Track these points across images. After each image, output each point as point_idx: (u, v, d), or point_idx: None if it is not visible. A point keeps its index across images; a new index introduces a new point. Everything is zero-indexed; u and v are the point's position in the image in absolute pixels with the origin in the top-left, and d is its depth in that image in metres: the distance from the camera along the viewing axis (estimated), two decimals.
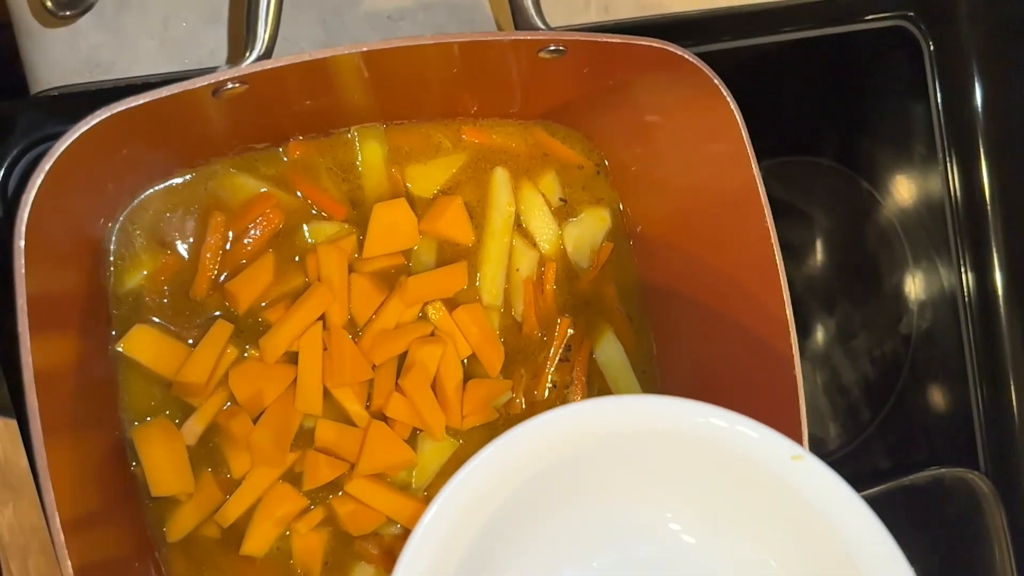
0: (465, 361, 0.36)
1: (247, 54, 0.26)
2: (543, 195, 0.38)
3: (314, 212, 0.34)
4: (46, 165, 0.23)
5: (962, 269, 0.48)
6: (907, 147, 0.47)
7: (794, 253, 0.45)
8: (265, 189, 0.33)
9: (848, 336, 0.47)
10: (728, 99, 0.32)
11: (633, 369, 0.39)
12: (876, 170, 0.47)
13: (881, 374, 0.47)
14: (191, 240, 0.33)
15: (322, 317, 0.33)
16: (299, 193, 0.34)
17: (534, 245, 0.38)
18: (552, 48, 0.29)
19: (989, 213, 0.48)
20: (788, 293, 0.34)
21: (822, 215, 0.46)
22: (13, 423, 0.31)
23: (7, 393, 0.31)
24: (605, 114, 0.37)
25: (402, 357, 0.35)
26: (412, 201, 0.36)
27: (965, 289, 0.48)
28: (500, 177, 0.37)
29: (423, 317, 0.35)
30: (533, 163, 0.38)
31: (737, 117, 0.32)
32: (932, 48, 0.47)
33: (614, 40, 0.29)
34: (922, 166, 0.47)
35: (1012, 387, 0.48)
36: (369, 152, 0.35)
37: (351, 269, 0.34)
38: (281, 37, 0.27)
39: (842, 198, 0.46)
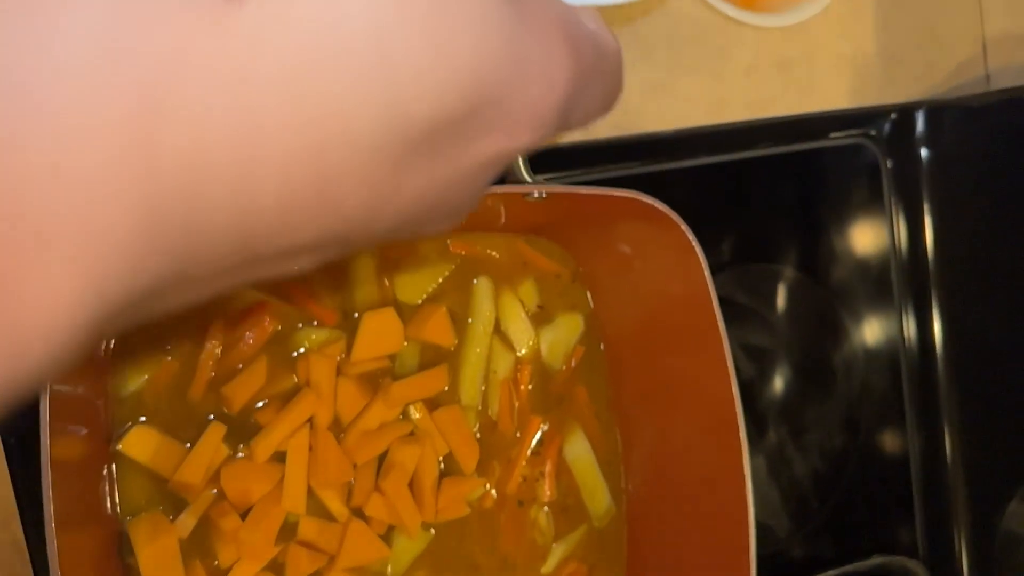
0: (442, 459, 0.38)
1: None
2: (522, 302, 0.41)
3: (304, 321, 0.37)
4: None
5: (910, 378, 0.51)
6: (864, 257, 0.51)
7: (754, 355, 0.48)
8: (263, 298, 0.36)
9: (801, 431, 0.50)
10: (691, 239, 0.35)
11: (599, 464, 0.42)
12: (834, 278, 0.50)
13: (830, 467, 0.50)
14: (190, 346, 0.35)
15: (310, 419, 0.36)
16: (294, 301, 0.37)
17: (511, 348, 0.41)
18: (536, 195, 0.32)
19: (936, 323, 0.51)
20: (739, 395, 0.37)
21: (782, 319, 0.49)
22: None
23: None
24: (582, 232, 0.40)
25: (383, 454, 0.37)
26: (399, 307, 0.38)
27: (911, 397, 0.52)
28: (483, 286, 0.40)
29: (404, 416, 0.38)
30: (514, 271, 0.41)
31: (698, 253, 0.35)
32: (889, 165, 0.51)
33: (594, 192, 0.32)
34: (877, 277, 0.51)
35: (950, 487, 0.52)
36: (361, 264, 0.38)
37: (339, 371, 0.37)
38: None
39: (801, 303, 0.49)
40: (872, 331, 0.51)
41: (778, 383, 0.49)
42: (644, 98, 0.45)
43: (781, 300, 0.49)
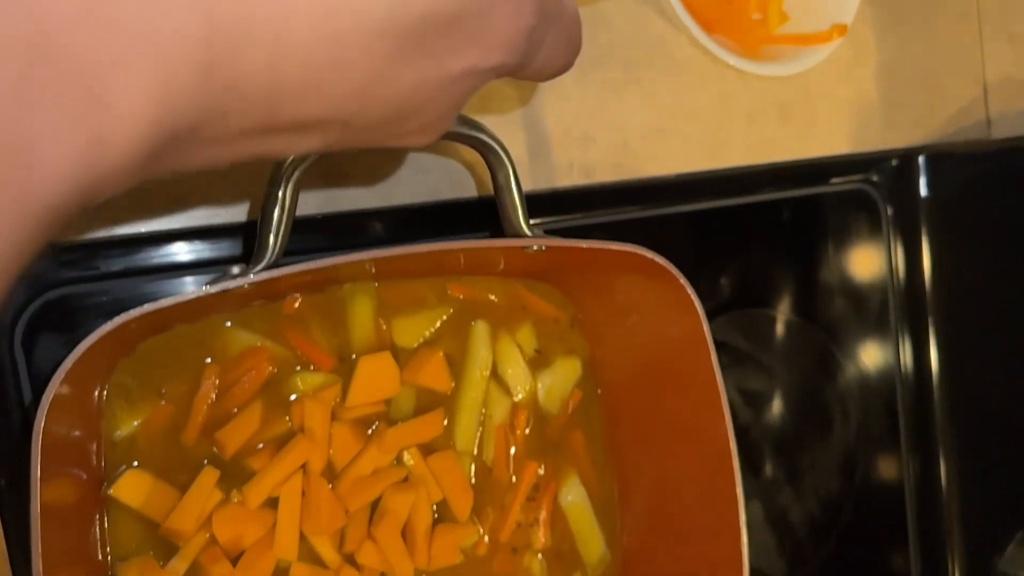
0: (435, 506, 0.38)
1: (256, 263, 0.28)
2: (520, 346, 0.41)
3: (301, 365, 0.37)
4: (59, 376, 0.25)
5: (907, 422, 0.51)
6: (863, 303, 0.51)
7: (751, 399, 0.48)
8: (259, 342, 0.36)
9: (797, 476, 0.49)
10: (690, 293, 0.35)
11: (595, 511, 0.42)
12: (832, 323, 0.50)
13: (826, 511, 0.50)
14: (185, 390, 0.35)
15: (303, 464, 0.36)
16: (290, 345, 0.36)
17: (508, 393, 0.40)
18: (535, 247, 0.32)
19: (934, 367, 0.51)
20: (735, 442, 0.37)
21: (780, 364, 0.49)
22: None
23: None
24: (581, 278, 0.40)
25: (376, 500, 0.37)
26: (396, 351, 0.38)
27: (908, 441, 0.51)
28: (480, 331, 0.40)
29: (399, 462, 0.38)
30: (512, 315, 0.41)
31: (698, 308, 0.35)
32: (890, 211, 0.51)
33: (594, 246, 0.32)
34: (876, 322, 0.51)
35: (947, 531, 0.51)
36: (360, 308, 0.37)
37: (333, 416, 0.36)
38: None
39: (799, 347, 0.49)
40: (870, 376, 0.51)
41: (775, 428, 0.49)
42: (645, 142, 0.45)
43: (779, 344, 0.49)
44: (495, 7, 0.17)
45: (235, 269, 0.29)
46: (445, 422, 0.39)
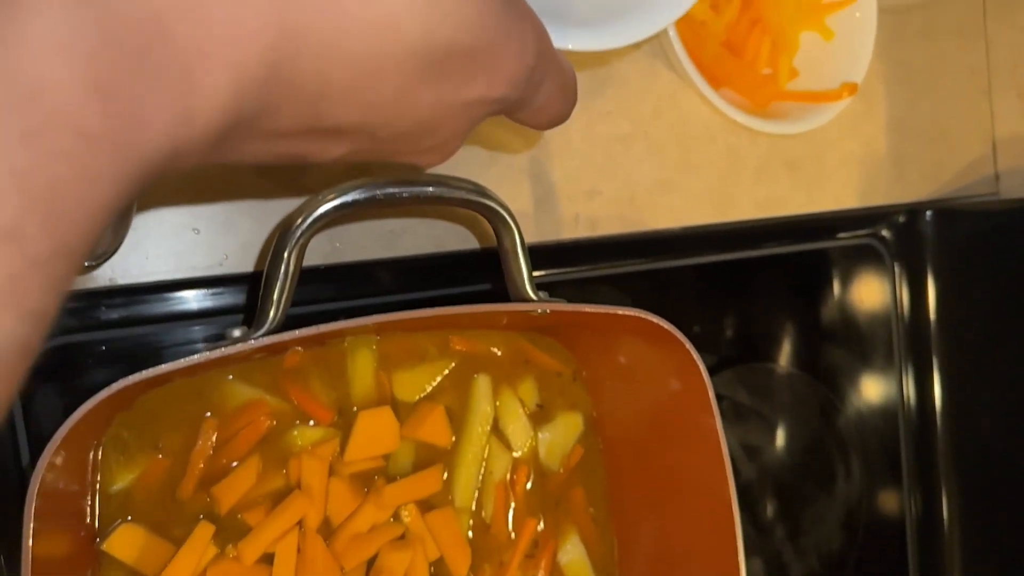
0: (432, 564, 0.38)
1: (258, 328, 0.28)
2: (521, 401, 0.40)
3: (300, 419, 0.36)
4: (54, 444, 0.24)
5: (911, 482, 0.51)
6: (867, 357, 0.50)
7: (754, 454, 0.48)
8: (258, 396, 0.35)
9: (799, 533, 0.49)
10: (696, 357, 0.35)
11: (594, 568, 0.41)
12: (836, 377, 0.49)
13: (828, 571, 0.49)
14: (182, 443, 0.34)
15: (300, 520, 0.35)
16: (290, 398, 0.36)
17: (509, 449, 0.40)
18: (540, 311, 0.32)
19: (939, 425, 0.51)
20: (736, 501, 0.37)
21: (783, 418, 0.48)
22: None
23: None
24: (585, 335, 0.39)
25: (373, 557, 0.36)
26: (396, 405, 0.38)
27: (912, 505, 0.51)
28: (482, 385, 0.39)
29: (396, 518, 0.37)
30: (514, 369, 0.40)
31: (703, 372, 0.35)
32: (896, 266, 0.51)
33: (599, 311, 0.32)
34: (881, 377, 0.50)
35: None
36: (361, 361, 0.37)
37: (331, 471, 0.36)
38: None
39: (803, 403, 0.49)
40: (874, 432, 0.50)
41: (777, 483, 0.48)
42: (652, 195, 0.45)
43: (782, 398, 0.48)
44: (503, 46, 0.20)
45: (236, 332, 0.29)
46: (445, 475, 0.38)
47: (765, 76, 0.45)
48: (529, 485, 0.40)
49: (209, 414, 0.34)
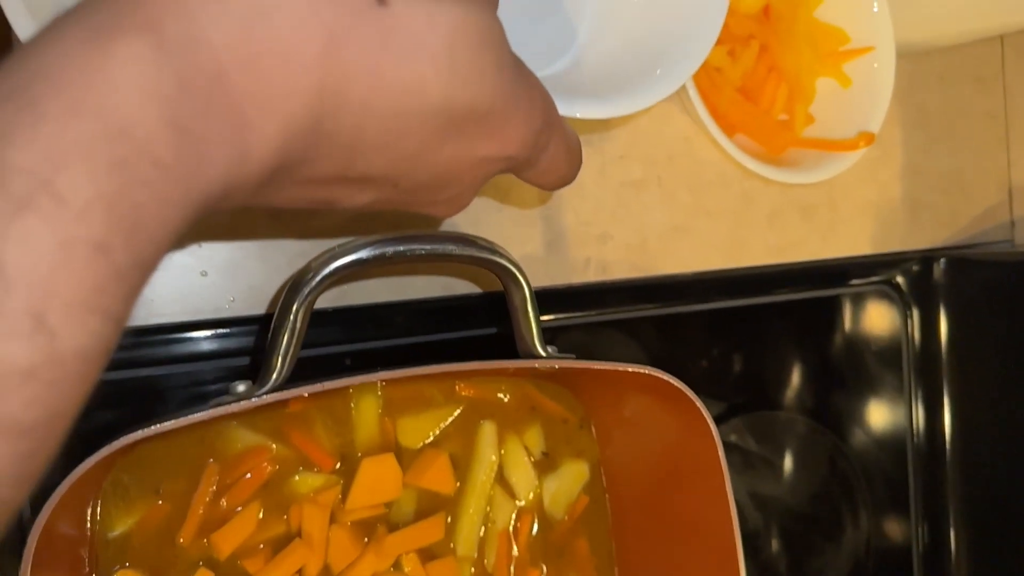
0: None
1: (262, 384, 0.27)
2: (527, 448, 0.40)
3: (303, 465, 0.36)
4: (54, 500, 0.24)
5: (918, 525, 0.50)
6: (878, 406, 0.50)
7: (762, 503, 0.47)
8: (261, 442, 0.35)
9: None
10: (706, 416, 0.34)
11: None
12: (845, 425, 0.49)
13: None
14: (183, 488, 0.34)
15: (300, 568, 0.35)
16: (293, 444, 0.36)
17: (513, 497, 0.39)
18: (549, 368, 0.31)
19: (948, 469, 0.50)
20: (742, 552, 0.36)
21: (792, 466, 0.48)
22: None
23: None
24: (593, 383, 0.39)
25: None
26: (399, 452, 0.37)
27: (919, 540, 0.50)
28: (487, 432, 0.39)
29: (396, 567, 0.37)
30: (520, 416, 0.40)
31: (713, 431, 0.34)
32: (909, 313, 0.50)
33: (609, 368, 0.31)
34: (891, 425, 0.50)
35: None
36: (365, 407, 0.37)
37: (332, 519, 0.36)
38: None
39: (811, 451, 0.48)
40: (883, 482, 0.49)
41: (785, 533, 0.48)
42: (663, 241, 0.44)
43: (791, 446, 0.48)
44: (514, 111, 0.22)
45: (240, 387, 0.28)
46: (448, 519, 0.38)
47: (781, 122, 0.45)
48: (532, 534, 0.39)
49: (212, 460, 0.34)
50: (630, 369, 0.32)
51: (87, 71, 0.15)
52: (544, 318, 0.42)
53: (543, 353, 0.32)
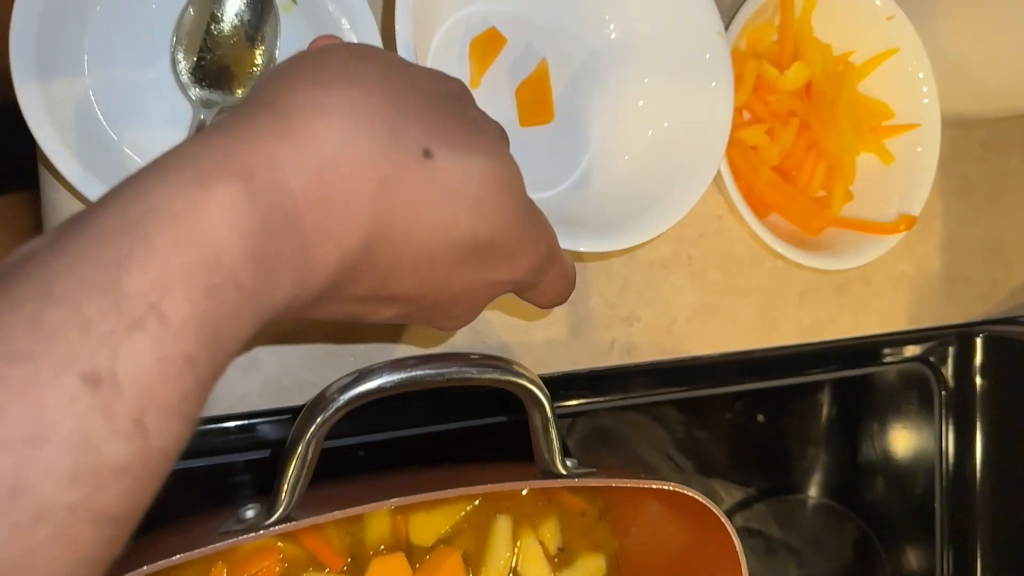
0: None
1: (270, 513, 0.26)
2: (542, 543, 0.38)
3: (313, 566, 0.35)
4: None
5: None
6: (908, 489, 0.48)
7: None
8: (271, 542, 0.34)
9: None
10: (731, 531, 0.33)
11: None
12: (873, 510, 0.47)
13: None
14: None
15: None
16: (303, 544, 0.35)
17: None
18: (570, 486, 0.30)
19: (979, 559, 0.48)
20: None
21: (815, 553, 0.46)
22: None
23: None
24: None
25: None
26: (410, 550, 0.36)
27: None
28: (502, 528, 0.38)
29: None
30: (536, 509, 0.39)
31: (737, 546, 0.33)
32: (944, 392, 0.48)
33: (630, 484, 0.30)
34: (920, 512, 0.48)
35: None
36: None
37: None
38: None
39: (837, 536, 0.47)
40: (910, 569, 0.48)
41: None
42: (692, 321, 0.42)
43: (816, 532, 0.46)
44: (524, 243, 0.25)
45: (249, 513, 0.27)
46: None
47: (818, 201, 0.43)
48: None
49: (220, 562, 0.33)
50: (654, 486, 0.30)
51: (192, 210, 0.18)
52: (566, 403, 0.41)
53: (563, 471, 0.30)
